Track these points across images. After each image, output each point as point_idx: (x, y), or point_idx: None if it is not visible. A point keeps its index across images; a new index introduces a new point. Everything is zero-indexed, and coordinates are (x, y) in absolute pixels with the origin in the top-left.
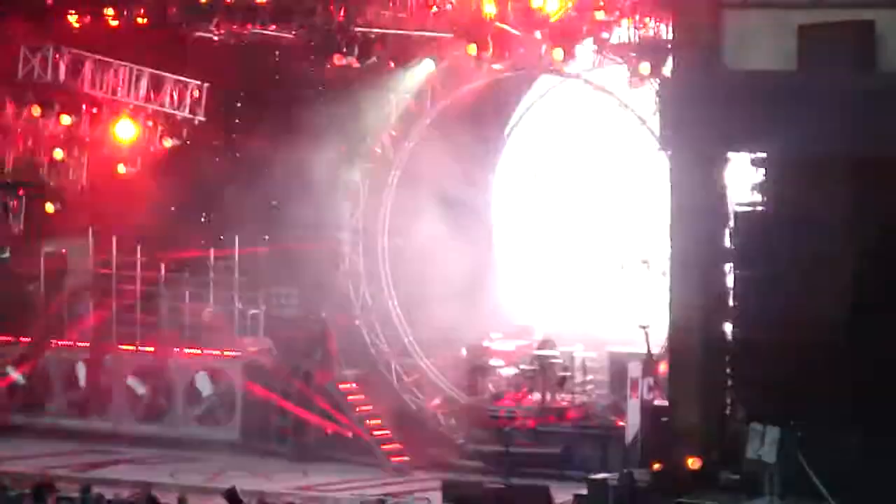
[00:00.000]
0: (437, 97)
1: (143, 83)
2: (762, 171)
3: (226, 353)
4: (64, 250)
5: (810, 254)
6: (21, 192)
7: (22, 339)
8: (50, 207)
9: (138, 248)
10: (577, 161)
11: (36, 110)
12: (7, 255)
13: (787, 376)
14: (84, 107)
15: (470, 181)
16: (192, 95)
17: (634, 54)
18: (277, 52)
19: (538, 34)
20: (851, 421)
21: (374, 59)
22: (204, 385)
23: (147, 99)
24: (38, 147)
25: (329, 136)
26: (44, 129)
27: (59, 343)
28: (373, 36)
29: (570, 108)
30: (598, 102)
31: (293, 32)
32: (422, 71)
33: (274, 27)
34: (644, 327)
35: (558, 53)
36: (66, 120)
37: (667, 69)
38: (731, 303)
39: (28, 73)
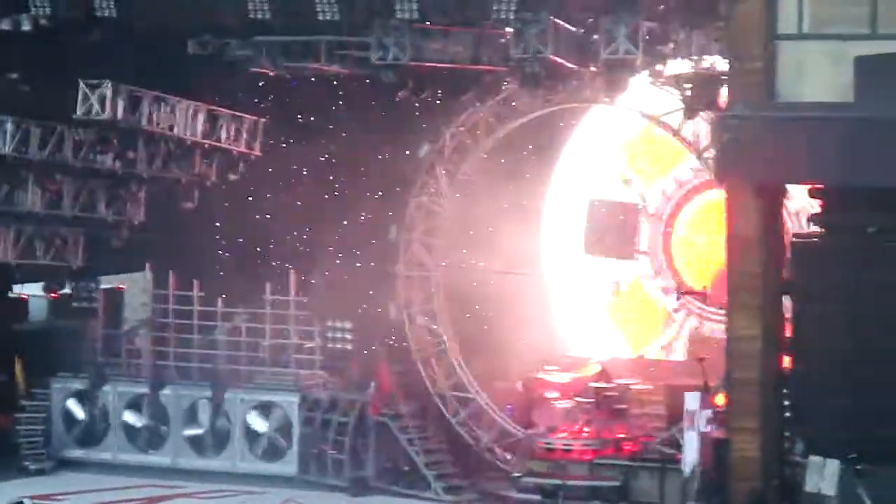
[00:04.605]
0: (490, 130)
1: (200, 119)
2: (819, 202)
3: (283, 387)
4: (122, 285)
5: (868, 285)
6: (80, 228)
7: (80, 374)
8: (108, 243)
9: (195, 282)
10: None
11: (94, 147)
12: (67, 290)
13: (846, 409)
14: (141, 142)
15: (523, 213)
16: (248, 131)
17: (690, 86)
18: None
19: (592, 67)
20: None
21: (427, 92)
22: (261, 420)
23: (204, 134)
24: (97, 183)
25: (384, 169)
26: (102, 165)
27: (118, 378)
28: (426, 70)
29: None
30: (653, 133)
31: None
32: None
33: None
34: (701, 359)
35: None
36: (123, 156)
37: (722, 100)
38: (788, 334)
39: (86, 110)
